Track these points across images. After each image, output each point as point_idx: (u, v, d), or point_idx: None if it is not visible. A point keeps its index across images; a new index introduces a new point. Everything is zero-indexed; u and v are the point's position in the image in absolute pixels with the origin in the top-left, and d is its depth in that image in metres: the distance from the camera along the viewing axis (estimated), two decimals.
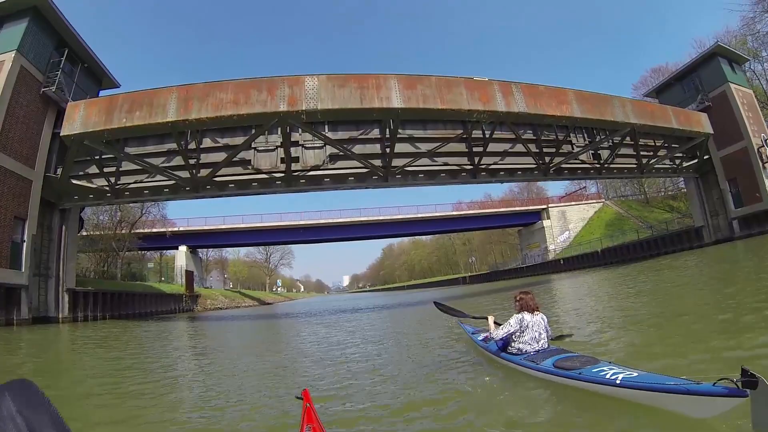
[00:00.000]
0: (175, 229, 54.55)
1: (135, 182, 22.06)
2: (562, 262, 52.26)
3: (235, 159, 20.85)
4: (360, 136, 22.09)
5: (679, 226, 41.95)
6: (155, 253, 64.89)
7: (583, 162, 27.58)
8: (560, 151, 25.32)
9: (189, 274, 52.67)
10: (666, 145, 30.75)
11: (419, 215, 61.51)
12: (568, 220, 62.77)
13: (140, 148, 21.24)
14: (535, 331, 5.65)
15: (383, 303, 32.82)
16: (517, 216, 64.81)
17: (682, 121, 29.82)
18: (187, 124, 19.14)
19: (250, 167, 21.35)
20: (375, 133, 22.25)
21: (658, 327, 7.68)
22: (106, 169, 21.55)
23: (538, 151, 25.16)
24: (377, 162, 22.03)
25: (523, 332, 5.65)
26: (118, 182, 22.00)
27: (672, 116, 29.12)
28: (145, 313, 33.40)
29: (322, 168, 21.75)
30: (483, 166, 24.15)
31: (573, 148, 25.79)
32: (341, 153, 21.42)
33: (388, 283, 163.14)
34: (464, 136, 23.42)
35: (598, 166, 27.95)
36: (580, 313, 11.41)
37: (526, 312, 5.75)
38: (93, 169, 21.60)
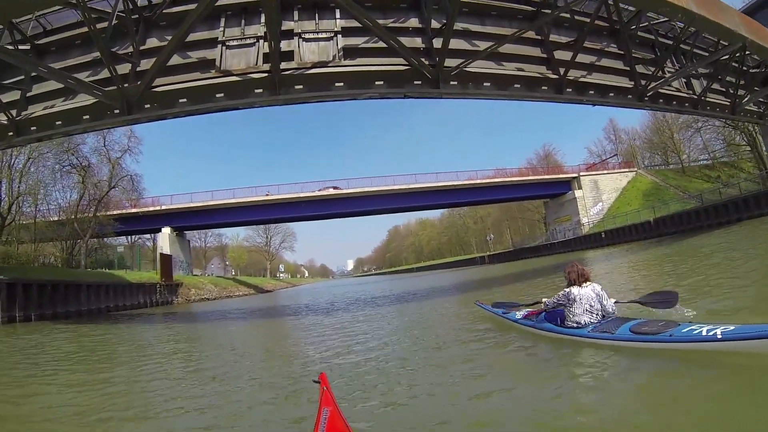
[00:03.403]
0: (150, 208, 47.59)
1: (44, 109, 14.97)
2: (603, 236, 45.75)
3: (192, 59, 14.22)
4: (392, 24, 15.16)
5: (758, 187, 36.07)
6: (144, 238, 59.15)
7: (679, 90, 22.16)
8: (660, 73, 19.85)
9: (165, 259, 42.32)
10: (746, 85, 25.53)
11: (437, 184, 53.58)
12: (601, 190, 56.72)
13: (60, 63, 14.70)
14: (585, 302, 5.72)
15: (398, 290, 26.72)
16: (544, 186, 57.88)
17: None
18: None
19: (212, 71, 14.28)
20: (412, 22, 15.60)
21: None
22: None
23: (630, 69, 19.34)
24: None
25: (572, 305, 5.78)
26: (23, 113, 15.10)
27: None
28: (99, 309, 25.96)
29: (331, 65, 14.54)
30: (571, 78, 17.69)
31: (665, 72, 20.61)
32: (365, 43, 14.75)
33: (394, 266, 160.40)
34: (539, 38, 17.47)
35: (695, 97, 22.67)
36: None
37: (574, 286, 5.85)
38: None
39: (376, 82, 15.10)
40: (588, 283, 5.85)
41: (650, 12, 18.56)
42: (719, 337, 4.01)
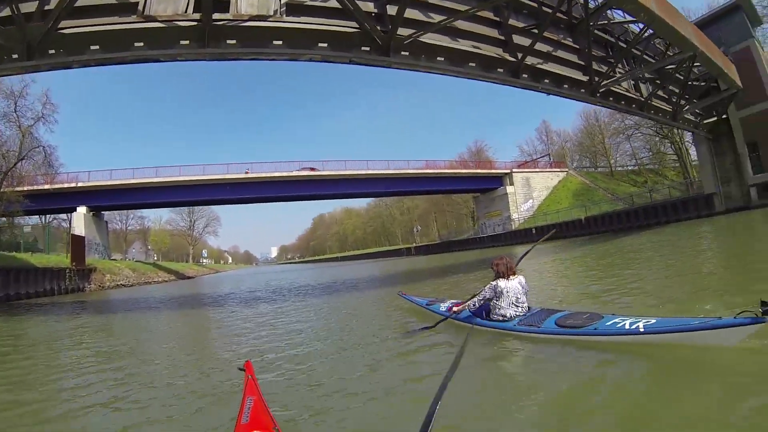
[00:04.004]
0: (65, 185, 42.48)
1: None
2: (534, 231, 45.88)
3: (111, 0, 11.96)
4: None
5: (680, 194, 39.72)
6: (61, 219, 53.68)
7: (628, 91, 22.66)
8: (612, 72, 20.25)
9: (77, 240, 37.05)
10: (687, 96, 26.94)
11: (368, 172, 51.72)
12: (532, 187, 57.29)
13: None
14: (513, 295, 5.76)
15: (323, 280, 25.34)
16: (476, 180, 57.65)
17: (727, 65, 25.87)
18: None
19: (133, 16, 12.03)
20: None
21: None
22: None
23: (584, 64, 19.30)
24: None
25: (499, 298, 5.78)
26: None
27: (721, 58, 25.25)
28: None
29: (271, 20, 12.69)
30: (528, 64, 17.27)
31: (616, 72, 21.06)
32: (313, 1, 13.05)
33: (318, 254, 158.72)
34: (498, 20, 16.62)
35: (642, 99, 23.49)
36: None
37: (501, 279, 5.84)
38: None
39: (320, 44, 13.53)
40: (515, 276, 5.89)
41: (613, 9, 18.64)
42: (641, 330, 4.28)
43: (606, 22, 19.88)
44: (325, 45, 13.53)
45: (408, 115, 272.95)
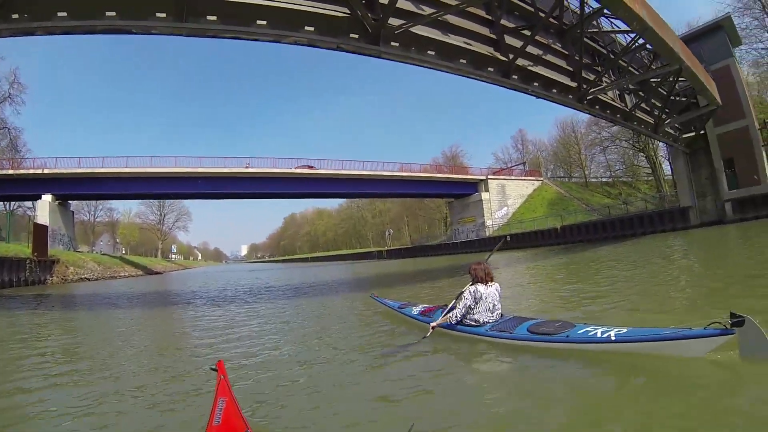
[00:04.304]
0: (30, 171, 40.85)
1: None
2: (508, 239, 45.60)
3: None
4: None
5: (653, 207, 40.80)
6: (26, 206, 50.71)
7: (613, 101, 23.06)
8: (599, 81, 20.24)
9: (39, 229, 34.84)
10: (668, 110, 27.47)
11: (341, 172, 50.74)
12: (507, 195, 57.18)
13: None
14: (489, 302, 5.77)
15: (293, 281, 24.70)
16: (451, 185, 57.18)
17: (708, 81, 26.16)
18: None
19: None
20: None
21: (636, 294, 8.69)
22: None
23: (573, 70, 19.26)
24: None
25: (477, 303, 5.77)
26: None
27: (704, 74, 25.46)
28: None
29: None
30: (519, 65, 17.03)
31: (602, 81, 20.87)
32: None
33: (288, 254, 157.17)
34: (490, 18, 16.31)
35: (626, 110, 23.94)
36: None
37: (480, 284, 5.83)
38: None
39: (306, 27, 12.81)
40: (492, 282, 5.91)
41: (606, 16, 18.75)
42: (612, 338, 4.35)
43: (596, 30, 19.87)
44: (312, 29, 12.85)
45: (377, 119, 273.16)
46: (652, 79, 23.06)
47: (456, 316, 5.89)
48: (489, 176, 58.16)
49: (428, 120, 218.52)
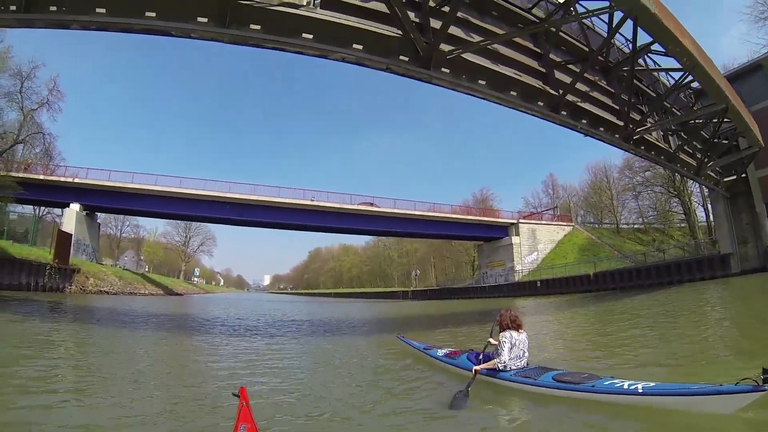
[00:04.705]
0: (61, 178, 40.81)
1: None
2: (539, 285, 44.60)
3: None
4: None
5: (688, 254, 39.00)
6: (55, 213, 50.05)
7: (658, 141, 22.28)
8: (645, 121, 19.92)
9: (63, 237, 35.33)
10: (709, 152, 26.50)
11: (376, 209, 50.59)
12: (537, 239, 55.99)
13: None
14: (520, 349, 5.82)
15: (319, 316, 24.29)
16: (482, 227, 56.40)
17: (752, 122, 24.98)
18: None
19: None
20: None
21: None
22: None
23: (619, 109, 18.94)
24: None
25: (511, 349, 5.77)
26: None
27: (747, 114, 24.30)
28: None
29: (304, 8, 11.61)
30: (569, 100, 16.69)
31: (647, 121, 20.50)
32: None
33: (311, 288, 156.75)
34: (539, 51, 16.10)
35: (670, 151, 23.15)
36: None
37: (512, 330, 5.87)
38: None
39: (354, 44, 12.63)
40: (522, 330, 5.97)
41: (651, 53, 18.26)
42: (640, 391, 4.27)
43: (643, 68, 19.44)
44: (360, 47, 12.66)
45: (403, 160, 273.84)
46: (695, 121, 22.53)
47: (503, 362, 5.80)
48: (520, 220, 57.13)
49: (452, 165, 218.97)
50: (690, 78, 18.08)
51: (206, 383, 6.32)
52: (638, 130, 19.35)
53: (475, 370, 5.92)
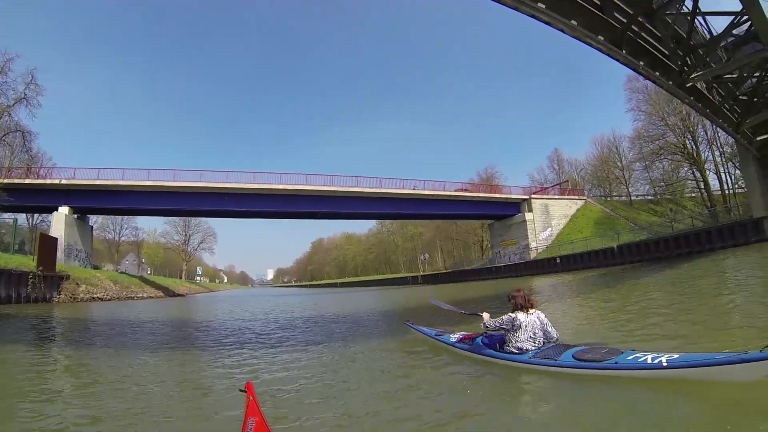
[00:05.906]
0: (47, 181, 39.08)
1: None
2: (558, 261, 42.77)
3: None
4: None
5: (703, 223, 37.24)
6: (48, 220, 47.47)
7: (705, 92, 21.50)
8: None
9: (46, 241, 31.74)
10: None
11: (382, 190, 48.12)
12: (551, 215, 54.13)
13: None
14: (530, 330, 5.68)
15: (326, 309, 22.55)
16: (493, 205, 54.10)
17: None
18: None
19: None
20: None
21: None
22: None
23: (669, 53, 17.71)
24: None
25: (516, 332, 5.69)
26: None
27: None
28: None
29: None
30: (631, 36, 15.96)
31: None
32: None
33: (315, 279, 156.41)
34: None
35: (716, 104, 22.55)
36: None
37: (520, 312, 5.78)
38: None
39: None
40: (533, 310, 5.82)
41: None
42: (664, 364, 4.19)
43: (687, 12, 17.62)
44: None
45: (404, 141, 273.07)
46: (742, 73, 20.75)
47: (489, 325, 6.09)
48: (532, 196, 55.30)
49: (460, 141, 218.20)
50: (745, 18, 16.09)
51: (211, 378, 6.41)
52: (693, 75, 17.99)
53: (484, 325, 6.25)
